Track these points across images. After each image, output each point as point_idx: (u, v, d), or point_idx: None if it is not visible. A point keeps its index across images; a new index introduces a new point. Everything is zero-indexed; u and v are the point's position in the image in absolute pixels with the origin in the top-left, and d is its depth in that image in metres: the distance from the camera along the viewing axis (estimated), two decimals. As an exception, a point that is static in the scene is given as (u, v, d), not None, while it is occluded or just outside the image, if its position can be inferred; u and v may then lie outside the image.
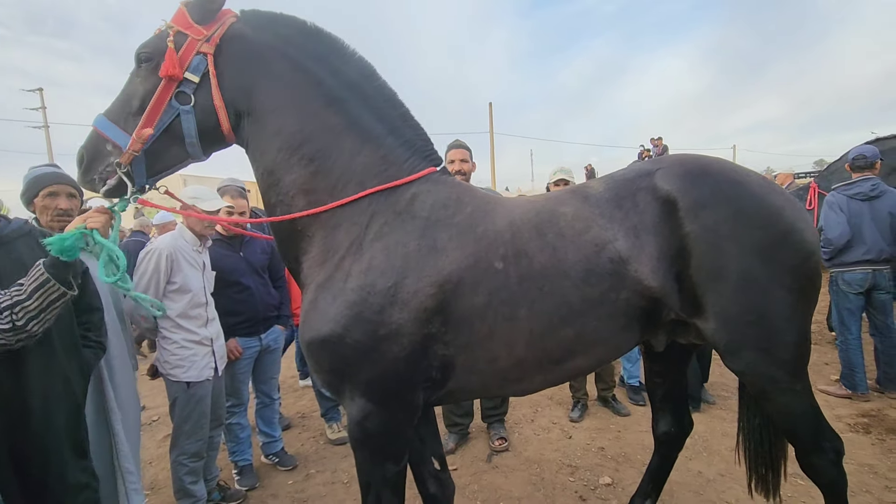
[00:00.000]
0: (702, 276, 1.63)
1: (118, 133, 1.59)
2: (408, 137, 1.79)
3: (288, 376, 5.33)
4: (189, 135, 1.63)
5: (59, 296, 1.57)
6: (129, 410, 2.33)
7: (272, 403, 3.52)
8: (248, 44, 1.67)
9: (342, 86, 1.73)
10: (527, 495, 2.95)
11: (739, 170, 1.80)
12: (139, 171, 1.62)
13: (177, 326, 2.63)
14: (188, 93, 1.61)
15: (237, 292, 3.15)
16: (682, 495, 2.83)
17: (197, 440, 2.69)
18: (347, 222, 1.66)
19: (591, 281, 1.62)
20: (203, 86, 1.63)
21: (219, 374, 2.81)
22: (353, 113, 1.72)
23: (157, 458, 3.75)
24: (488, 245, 1.63)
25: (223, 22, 1.65)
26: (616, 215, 1.69)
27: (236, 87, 1.66)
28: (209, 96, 1.63)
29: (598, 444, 3.53)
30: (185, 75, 1.59)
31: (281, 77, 1.67)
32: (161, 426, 4.38)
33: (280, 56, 1.68)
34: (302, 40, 1.72)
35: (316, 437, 3.95)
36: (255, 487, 3.20)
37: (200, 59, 1.61)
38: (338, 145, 1.69)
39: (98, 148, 1.61)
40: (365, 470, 1.72)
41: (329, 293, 1.60)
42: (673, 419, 2.28)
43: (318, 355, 1.63)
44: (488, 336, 1.61)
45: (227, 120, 1.67)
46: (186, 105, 1.61)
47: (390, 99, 1.80)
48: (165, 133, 1.61)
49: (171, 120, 1.60)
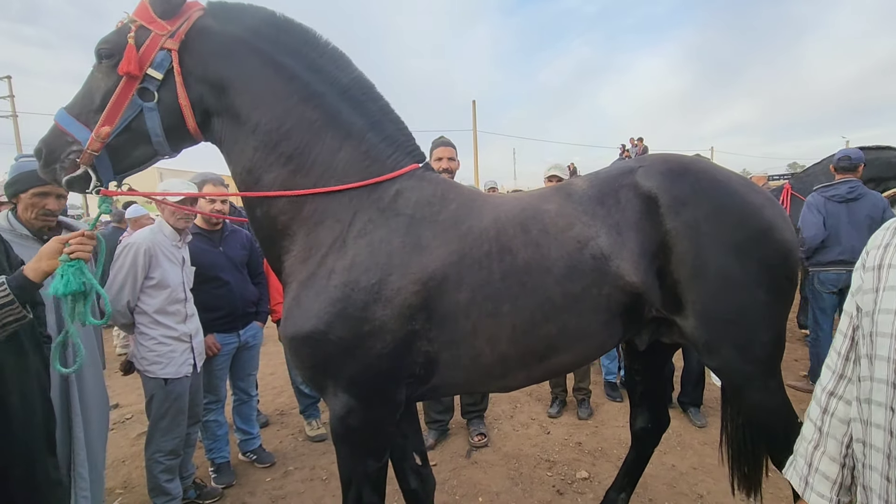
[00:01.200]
0: (682, 272, 1.66)
1: (79, 128, 1.55)
2: (389, 132, 1.77)
3: (266, 373, 5.27)
4: (154, 133, 1.59)
5: (18, 318, 1.49)
6: (95, 410, 2.28)
7: (250, 400, 3.48)
8: (215, 38, 1.61)
9: (318, 79, 1.69)
10: (505, 490, 2.99)
11: (720, 169, 1.84)
12: (104, 167, 1.57)
13: (154, 322, 2.58)
14: (151, 90, 1.56)
15: (216, 287, 3.10)
16: (656, 487, 2.90)
17: (173, 437, 2.65)
18: (330, 219, 1.64)
19: (573, 277, 1.64)
20: (167, 83, 1.57)
21: (197, 371, 2.76)
22: (332, 107, 1.69)
23: (130, 456, 3.67)
24: (473, 242, 1.64)
25: (188, 16, 1.59)
26: (599, 212, 1.71)
27: (205, 84, 1.61)
28: (174, 94, 1.58)
29: (576, 440, 3.59)
30: (148, 72, 1.54)
31: (253, 72, 1.62)
32: (135, 424, 4.29)
33: (251, 50, 1.63)
34: (272, 32, 1.66)
35: (294, 434, 3.92)
36: (233, 485, 3.16)
37: (164, 55, 1.56)
38: (318, 142, 1.66)
39: (58, 142, 1.57)
40: (347, 466, 1.73)
41: (312, 290, 1.59)
42: (651, 416, 2.33)
43: (301, 352, 1.62)
44: (472, 332, 1.62)
45: (193, 118, 1.62)
46: (150, 102, 1.56)
47: (368, 91, 1.77)
48: (128, 130, 1.57)
49: (133, 116, 1.56)
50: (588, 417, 3.92)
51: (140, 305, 2.55)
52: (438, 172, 3.56)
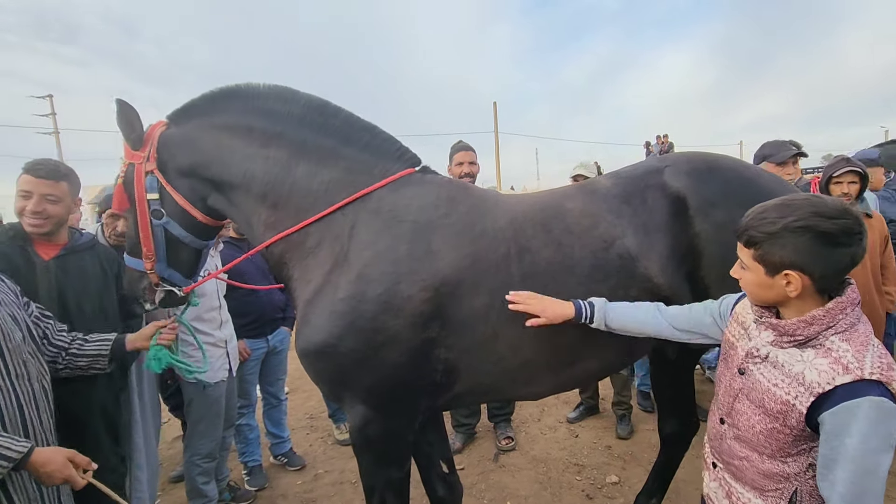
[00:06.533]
0: (713, 276, 1.62)
1: (137, 262, 1.83)
2: (366, 142, 1.78)
3: (295, 377, 5.36)
4: (183, 236, 1.81)
5: (102, 369, 1.82)
6: (151, 417, 2.47)
7: (280, 404, 3.55)
8: (176, 140, 1.78)
9: (273, 121, 1.76)
10: (534, 494, 2.97)
11: (748, 166, 1.80)
12: (174, 279, 1.85)
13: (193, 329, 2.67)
14: (159, 209, 1.77)
15: (245, 294, 3.16)
16: (688, 492, 2.84)
17: (210, 440, 2.74)
18: (328, 239, 1.66)
19: (599, 277, 1.60)
20: (164, 197, 1.77)
21: (233, 375, 2.85)
22: (295, 140, 1.74)
23: (166, 459, 3.79)
24: (488, 244, 1.61)
25: (153, 137, 1.78)
26: (625, 211, 1.67)
27: (184, 177, 1.78)
28: (174, 202, 1.78)
29: (605, 443, 3.54)
30: (148, 198, 1.76)
31: (214, 146, 1.76)
32: (171, 428, 4.43)
33: (203, 129, 1.78)
34: (214, 106, 1.80)
35: (324, 437, 3.98)
36: (265, 488, 3.24)
37: (151, 178, 1.76)
38: (289, 174, 1.73)
39: (131, 278, 1.88)
40: (368, 475, 1.74)
41: (319, 306, 1.60)
42: (680, 420, 2.28)
43: (315, 366, 1.66)
44: (492, 337, 1.59)
45: (196, 210, 1.81)
46: (163, 219, 1.78)
47: (324, 110, 1.79)
48: (169, 245, 1.81)
49: (162, 235, 1.79)
50: (628, 436, 3.60)
51: (178, 313, 2.65)
52: (459, 177, 3.57)
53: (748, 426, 1.18)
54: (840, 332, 1.05)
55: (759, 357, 1.17)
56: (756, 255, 1.11)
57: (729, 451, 1.26)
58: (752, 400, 1.17)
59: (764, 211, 1.11)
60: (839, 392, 1.00)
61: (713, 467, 1.35)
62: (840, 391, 1.00)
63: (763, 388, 1.14)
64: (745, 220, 1.15)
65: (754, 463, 1.19)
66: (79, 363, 1.76)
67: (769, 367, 1.15)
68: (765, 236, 1.08)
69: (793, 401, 1.07)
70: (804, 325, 1.07)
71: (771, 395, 1.12)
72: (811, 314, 1.07)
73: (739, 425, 1.21)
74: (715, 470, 1.34)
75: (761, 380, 1.15)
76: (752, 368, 1.19)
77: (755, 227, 1.10)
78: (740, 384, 1.22)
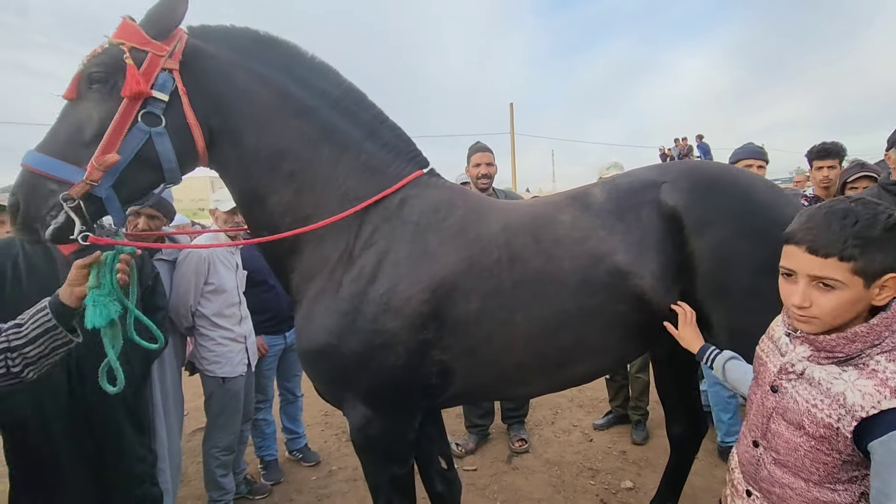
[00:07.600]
0: (707, 293, 1.60)
1: (64, 167, 1.35)
2: (387, 140, 1.75)
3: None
4: (167, 159, 1.48)
5: (64, 343, 1.39)
6: (173, 410, 2.50)
7: (296, 401, 3.60)
8: (209, 59, 1.55)
9: (310, 94, 1.66)
10: (547, 497, 2.96)
11: (750, 182, 1.74)
12: (113, 206, 1.43)
13: (213, 325, 2.73)
14: (157, 113, 1.45)
15: (264, 291, 3.23)
16: (705, 500, 2.80)
17: (229, 434, 2.79)
18: (335, 234, 1.64)
19: (587, 291, 1.60)
20: (173, 104, 1.47)
21: (251, 370, 2.91)
22: (327, 121, 1.65)
23: (186, 451, 3.84)
24: (482, 249, 1.61)
25: (180, 37, 1.51)
26: (617, 228, 1.64)
27: (207, 102, 1.54)
28: (181, 115, 1.49)
29: (620, 448, 3.51)
30: (154, 94, 1.43)
31: (248, 92, 1.58)
32: (191, 421, 4.51)
33: (243, 70, 1.59)
34: (261, 51, 1.63)
35: (338, 434, 4.02)
36: (280, 482, 3.29)
37: (166, 76, 1.45)
38: (316, 157, 1.63)
39: (37, 190, 1.35)
40: (372, 474, 1.75)
41: (322, 305, 1.60)
42: (686, 421, 2.27)
43: (316, 366, 1.65)
44: (486, 340, 1.60)
45: (203, 138, 1.54)
46: (157, 127, 1.45)
47: (360, 101, 1.74)
48: (137, 159, 1.43)
49: (141, 144, 1.43)
50: (643, 441, 3.55)
51: (200, 309, 2.71)
52: (477, 178, 3.58)
53: (789, 449, 1.08)
54: (887, 352, 0.96)
55: (794, 373, 1.09)
56: (855, 268, 0.96)
57: (768, 477, 1.14)
58: (788, 420, 1.08)
59: (846, 217, 0.97)
60: (888, 418, 0.91)
61: (747, 495, 1.21)
62: (889, 417, 0.91)
63: (801, 410, 1.05)
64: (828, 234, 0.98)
65: (799, 491, 1.08)
66: (31, 353, 1.34)
67: (805, 384, 1.06)
68: (864, 242, 0.95)
69: (836, 424, 0.98)
70: (845, 342, 0.99)
71: (811, 417, 1.02)
72: (853, 331, 0.99)
73: (779, 448, 1.11)
74: (750, 498, 1.20)
75: (798, 399, 1.06)
76: (787, 386, 1.10)
77: (850, 236, 0.95)
78: (773, 403, 1.13)
